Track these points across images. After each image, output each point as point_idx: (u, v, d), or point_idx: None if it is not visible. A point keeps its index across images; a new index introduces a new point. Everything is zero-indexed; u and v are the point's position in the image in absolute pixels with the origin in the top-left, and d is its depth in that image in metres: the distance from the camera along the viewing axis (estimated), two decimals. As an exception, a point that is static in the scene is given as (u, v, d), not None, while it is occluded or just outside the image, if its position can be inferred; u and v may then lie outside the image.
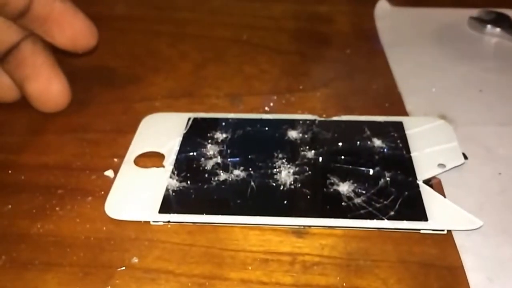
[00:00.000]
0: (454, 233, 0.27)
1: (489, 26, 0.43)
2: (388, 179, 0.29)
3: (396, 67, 0.40)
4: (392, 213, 0.27)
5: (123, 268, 0.26)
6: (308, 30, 0.45)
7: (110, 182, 0.30)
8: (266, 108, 0.36)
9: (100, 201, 0.29)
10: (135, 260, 0.26)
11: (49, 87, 0.34)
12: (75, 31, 0.33)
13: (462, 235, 0.27)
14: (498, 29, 0.43)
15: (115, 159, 0.32)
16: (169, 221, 0.28)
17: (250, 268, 0.25)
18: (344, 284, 0.24)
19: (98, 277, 0.25)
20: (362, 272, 0.25)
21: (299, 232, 0.27)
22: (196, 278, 0.25)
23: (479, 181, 0.30)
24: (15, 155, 0.33)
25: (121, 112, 0.36)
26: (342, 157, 0.31)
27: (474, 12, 0.45)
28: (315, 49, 0.43)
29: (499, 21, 0.43)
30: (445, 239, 0.27)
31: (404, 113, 0.35)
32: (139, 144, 0.32)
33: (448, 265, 0.25)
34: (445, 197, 0.29)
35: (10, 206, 0.29)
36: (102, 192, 0.30)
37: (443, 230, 0.27)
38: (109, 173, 0.31)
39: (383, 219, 0.27)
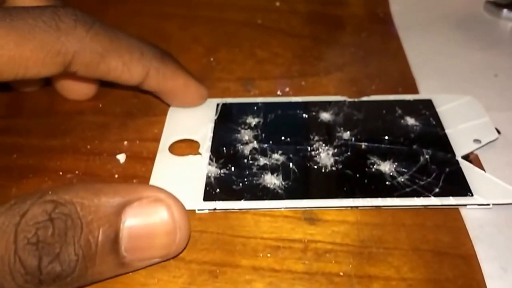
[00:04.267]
0: (467, 223, 0.26)
1: (505, 10, 0.42)
2: (427, 156, 0.29)
3: (411, 52, 0.39)
4: (437, 190, 0.27)
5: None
6: (321, 13, 0.45)
7: (120, 166, 0.30)
8: (279, 92, 0.35)
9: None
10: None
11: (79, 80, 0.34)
12: (188, 101, 0.33)
13: (475, 225, 0.26)
14: (515, 13, 0.42)
15: (125, 143, 0.32)
16: (215, 209, 0.27)
17: (261, 255, 0.25)
18: (357, 272, 0.24)
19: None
20: (375, 260, 0.25)
21: (311, 219, 0.27)
22: (207, 265, 0.25)
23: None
24: (23, 138, 0.32)
25: (132, 96, 0.35)
26: (379, 136, 0.31)
27: (491, -4, 0.44)
28: (328, 32, 0.42)
29: (516, 5, 0.43)
30: (459, 227, 0.26)
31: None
32: (171, 132, 0.32)
33: (462, 253, 0.25)
34: (485, 171, 0.28)
35: (15, 190, 0.29)
36: (116, 176, 0.30)
37: (488, 205, 0.27)
38: (121, 157, 0.31)
39: (430, 196, 0.27)
